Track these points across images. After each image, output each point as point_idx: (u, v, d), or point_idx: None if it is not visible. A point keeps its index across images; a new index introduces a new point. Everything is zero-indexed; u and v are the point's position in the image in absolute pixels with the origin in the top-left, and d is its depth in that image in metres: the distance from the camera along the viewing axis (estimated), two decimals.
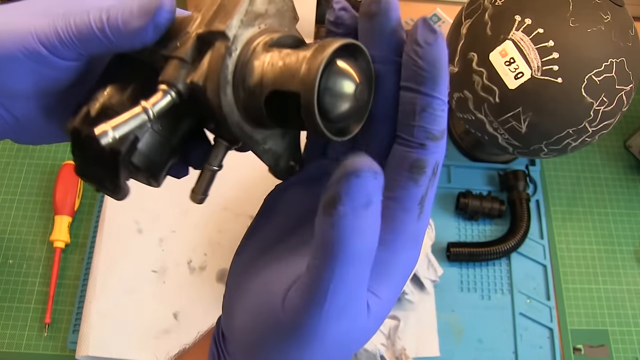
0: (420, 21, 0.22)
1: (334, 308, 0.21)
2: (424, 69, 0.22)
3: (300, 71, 0.22)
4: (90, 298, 0.65)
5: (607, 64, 0.57)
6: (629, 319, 0.72)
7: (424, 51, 0.22)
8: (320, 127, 0.22)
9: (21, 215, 0.73)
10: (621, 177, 0.81)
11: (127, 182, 0.27)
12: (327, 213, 0.19)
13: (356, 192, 0.19)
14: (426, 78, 0.22)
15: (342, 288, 0.20)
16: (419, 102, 0.22)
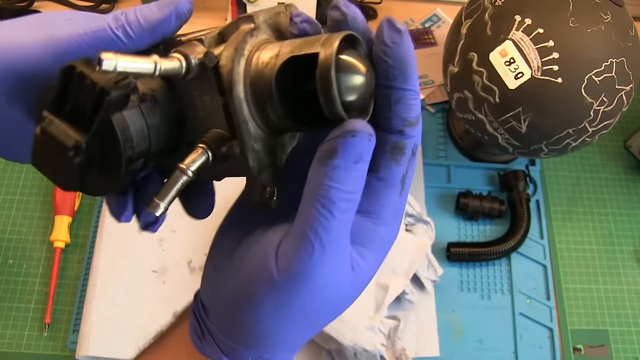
0: (385, 22, 0.24)
1: (322, 249, 0.24)
2: (393, 66, 0.24)
3: (321, 39, 0.24)
4: (90, 298, 0.65)
5: (607, 64, 0.57)
6: (629, 319, 0.72)
7: (391, 50, 0.24)
8: (334, 91, 0.23)
9: (21, 215, 0.73)
10: (621, 177, 0.81)
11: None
12: (322, 163, 0.23)
13: (350, 149, 0.23)
14: (396, 74, 0.24)
15: (328, 230, 0.23)
16: (393, 95, 0.25)
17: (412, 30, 0.89)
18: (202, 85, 0.26)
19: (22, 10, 0.86)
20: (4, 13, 0.84)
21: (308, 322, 0.26)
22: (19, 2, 0.86)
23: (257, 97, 0.26)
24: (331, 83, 0.23)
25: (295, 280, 0.24)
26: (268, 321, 0.26)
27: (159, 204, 0.24)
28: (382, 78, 0.24)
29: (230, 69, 0.25)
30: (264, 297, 0.25)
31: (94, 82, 0.23)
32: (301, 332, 0.27)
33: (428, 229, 0.71)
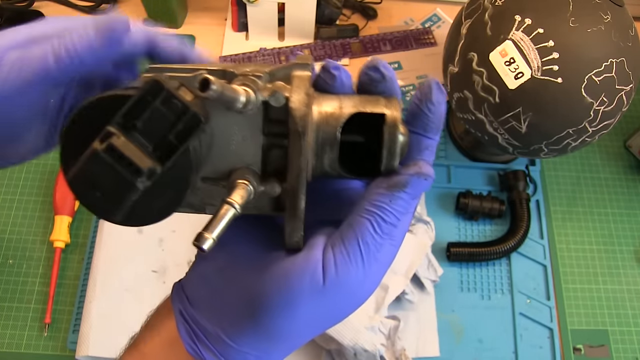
0: (434, 84, 0.28)
1: (368, 265, 0.27)
2: (433, 121, 0.29)
3: (381, 101, 0.28)
4: (90, 298, 0.65)
5: (607, 64, 0.57)
6: (629, 319, 0.72)
7: (435, 109, 0.29)
8: (398, 148, 0.27)
9: (21, 215, 0.73)
10: (621, 177, 0.81)
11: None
12: (391, 190, 0.27)
13: (418, 187, 0.28)
14: (432, 128, 0.29)
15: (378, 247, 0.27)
16: (424, 143, 0.29)
17: (412, 30, 0.89)
18: (246, 121, 0.27)
19: (22, 10, 0.86)
20: (4, 13, 0.84)
21: (325, 325, 0.29)
22: (19, 2, 0.86)
23: (319, 144, 0.27)
24: (397, 141, 0.27)
25: (340, 288, 0.27)
26: (298, 325, 0.28)
27: (208, 237, 0.24)
28: (420, 129, 0.29)
29: (304, 113, 0.26)
30: (303, 302, 0.27)
31: (185, 105, 0.23)
32: (315, 333, 0.29)
33: (428, 229, 0.71)
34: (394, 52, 0.86)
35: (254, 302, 0.28)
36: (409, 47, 0.87)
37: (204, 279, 0.30)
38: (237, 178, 0.26)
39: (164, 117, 0.23)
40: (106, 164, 0.22)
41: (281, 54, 0.84)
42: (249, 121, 0.27)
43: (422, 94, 0.29)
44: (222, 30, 0.87)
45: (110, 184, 0.23)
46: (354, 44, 0.86)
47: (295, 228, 0.27)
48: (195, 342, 0.29)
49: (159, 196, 0.25)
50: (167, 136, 0.23)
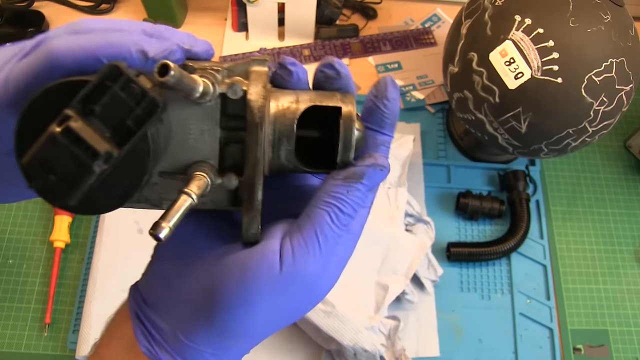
0: (389, 81, 0.29)
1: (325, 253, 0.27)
2: (388, 117, 0.30)
3: (336, 96, 0.29)
4: (90, 298, 0.65)
5: (607, 64, 0.57)
6: (629, 319, 0.72)
7: (390, 105, 0.30)
8: (353, 141, 0.28)
9: (21, 215, 0.73)
10: (621, 177, 0.81)
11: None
12: (347, 182, 0.28)
13: (374, 179, 0.28)
14: (388, 124, 0.30)
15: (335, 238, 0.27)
16: (379, 139, 0.30)
17: (412, 30, 0.89)
18: (204, 114, 0.27)
19: (23, 10, 0.86)
20: (4, 13, 0.84)
21: (284, 321, 0.29)
22: (19, 2, 0.86)
23: (276, 137, 0.28)
24: (353, 134, 0.28)
25: (298, 280, 0.27)
26: (255, 320, 0.27)
27: (165, 226, 0.24)
28: (375, 125, 0.30)
29: (262, 105, 0.26)
30: (259, 295, 0.27)
31: (144, 90, 0.22)
32: (274, 329, 0.29)
33: (428, 229, 0.71)
34: (394, 52, 0.86)
35: (208, 297, 0.27)
36: (409, 47, 0.87)
37: (160, 277, 0.30)
38: (195, 170, 0.27)
39: (123, 102, 0.22)
40: (63, 146, 0.22)
41: (281, 54, 0.84)
42: (206, 115, 0.27)
43: (378, 90, 0.30)
44: (222, 30, 0.87)
45: (67, 168, 0.22)
46: (354, 44, 0.86)
47: (252, 220, 0.27)
48: (151, 344, 0.29)
49: (115, 183, 0.24)
50: (125, 121, 0.23)
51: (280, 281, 0.27)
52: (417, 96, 0.83)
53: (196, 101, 0.26)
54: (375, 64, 0.85)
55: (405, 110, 0.82)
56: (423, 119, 0.81)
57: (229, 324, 0.27)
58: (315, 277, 0.27)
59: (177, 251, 0.30)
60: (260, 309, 0.27)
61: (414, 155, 0.77)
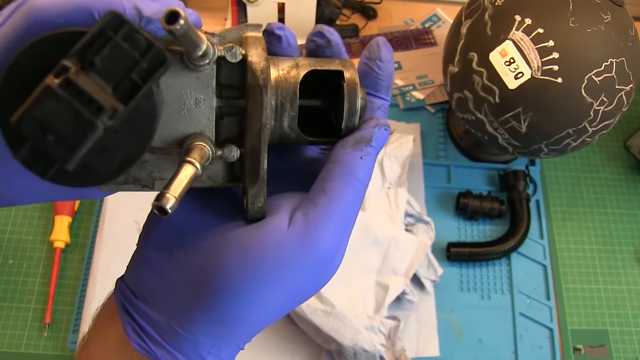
0: (381, 41, 0.29)
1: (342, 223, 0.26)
2: (382, 80, 0.29)
3: (335, 61, 0.28)
4: (90, 298, 0.65)
5: (607, 64, 0.57)
6: (629, 319, 0.72)
7: (384, 66, 0.29)
8: (358, 103, 0.27)
9: (21, 215, 0.73)
10: (621, 177, 0.81)
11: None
12: (358, 148, 0.27)
13: (381, 140, 0.28)
14: (383, 87, 0.29)
15: (351, 208, 0.26)
16: (376, 103, 0.29)
17: (412, 30, 0.89)
18: (200, 82, 0.25)
19: None
20: None
21: (295, 302, 0.26)
22: None
23: (278, 103, 0.26)
24: (357, 97, 0.27)
25: (312, 246, 0.25)
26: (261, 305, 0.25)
27: (170, 197, 0.21)
28: (370, 88, 0.29)
29: (265, 66, 0.24)
30: (265, 272, 0.24)
31: (150, 41, 0.20)
32: (284, 311, 0.27)
33: (428, 229, 0.71)
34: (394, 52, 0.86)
35: (206, 279, 0.25)
36: (409, 47, 0.87)
37: (149, 265, 0.27)
38: (193, 142, 0.24)
39: (126, 54, 0.20)
40: (61, 101, 0.19)
41: None
42: (202, 82, 0.25)
43: (370, 52, 0.29)
44: None
45: (66, 126, 0.19)
46: (354, 44, 0.86)
47: (258, 192, 0.25)
48: (143, 339, 0.26)
49: (115, 148, 0.21)
50: (128, 75, 0.20)
51: (293, 255, 0.25)
52: (417, 96, 0.83)
53: (195, 63, 0.24)
54: None
55: (405, 110, 0.82)
56: (423, 119, 0.81)
57: (231, 309, 0.25)
58: (331, 251, 0.25)
59: (167, 237, 0.27)
60: (267, 290, 0.25)
61: (414, 155, 0.77)
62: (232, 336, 0.26)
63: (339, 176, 0.26)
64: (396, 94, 0.83)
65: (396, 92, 0.83)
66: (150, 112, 0.21)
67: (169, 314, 0.26)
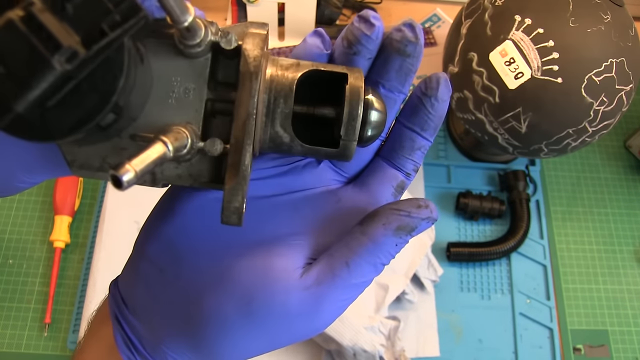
0: (443, 79, 0.26)
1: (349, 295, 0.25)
2: (432, 120, 0.26)
3: (341, 66, 0.25)
4: (90, 298, 0.65)
5: (607, 64, 0.57)
6: (629, 319, 0.72)
7: (438, 106, 0.26)
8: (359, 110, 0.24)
9: (21, 215, 0.73)
10: (621, 177, 0.81)
11: None
12: (398, 235, 0.25)
13: (421, 230, 0.26)
14: (431, 127, 0.26)
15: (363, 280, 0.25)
16: (418, 142, 0.27)
17: None
18: (192, 69, 0.23)
19: None
20: None
21: (278, 346, 0.26)
22: None
23: (271, 99, 0.24)
24: (360, 101, 0.24)
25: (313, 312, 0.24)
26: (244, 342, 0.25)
27: (129, 168, 0.19)
28: (417, 126, 0.27)
29: (258, 55, 0.23)
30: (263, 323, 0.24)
31: None
32: (258, 353, 0.26)
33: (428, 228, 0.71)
34: None
35: (199, 317, 0.24)
36: None
37: (141, 278, 0.27)
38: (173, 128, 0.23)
39: (99, 4, 0.18)
40: (20, 34, 0.17)
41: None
42: (194, 70, 0.23)
43: (427, 87, 0.26)
44: None
45: (20, 61, 0.18)
46: None
47: (236, 189, 0.23)
48: (131, 350, 0.26)
49: (74, 102, 0.19)
50: (99, 25, 0.18)
51: (291, 321, 0.24)
52: None
53: (185, 44, 0.22)
54: None
55: None
56: None
57: (218, 346, 0.25)
58: (328, 324, 0.25)
59: (162, 254, 0.26)
60: (256, 338, 0.25)
61: None
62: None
63: (368, 257, 0.25)
64: None
65: None
66: (117, 67, 0.19)
67: (155, 331, 0.26)
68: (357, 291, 0.25)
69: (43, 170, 0.27)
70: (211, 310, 0.24)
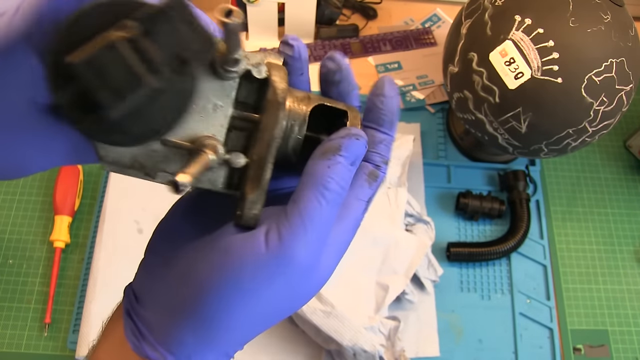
0: (386, 80, 0.31)
1: (313, 234, 0.26)
2: (386, 114, 0.30)
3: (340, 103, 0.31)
4: (90, 298, 0.65)
5: (607, 64, 0.57)
6: (629, 319, 0.72)
7: (388, 102, 0.30)
8: None
9: (21, 215, 0.73)
10: (621, 177, 0.81)
11: None
12: (326, 157, 0.27)
13: (352, 149, 0.28)
14: (386, 121, 0.31)
15: (322, 217, 0.26)
16: (378, 137, 0.31)
17: (412, 30, 0.89)
18: (222, 90, 0.27)
19: None
20: None
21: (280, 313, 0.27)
22: None
23: (289, 125, 0.29)
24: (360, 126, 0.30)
25: (285, 260, 0.26)
26: (243, 312, 0.26)
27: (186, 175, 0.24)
28: (373, 122, 0.31)
29: (285, 87, 0.27)
30: (243, 279, 0.26)
31: (203, 28, 0.23)
32: (270, 321, 0.28)
33: (428, 229, 0.71)
34: (394, 52, 0.86)
35: (190, 288, 0.27)
36: (409, 47, 0.87)
37: (148, 270, 0.30)
38: (205, 140, 0.26)
39: (183, 35, 0.22)
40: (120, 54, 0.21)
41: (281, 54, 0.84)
42: (224, 91, 0.27)
43: (376, 88, 0.31)
44: None
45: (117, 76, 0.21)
46: (354, 44, 0.86)
47: (256, 200, 0.27)
48: (138, 339, 0.28)
49: (152, 115, 0.23)
50: (180, 53, 0.22)
51: (267, 266, 0.26)
52: (417, 96, 0.83)
53: (225, 68, 0.26)
54: (375, 64, 0.85)
55: (405, 110, 0.82)
56: (423, 119, 0.81)
57: (212, 315, 0.26)
58: (306, 263, 0.26)
59: (164, 244, 0.30)
60: (246, 298, 0.26)
61: (414, 155, 0.77)
62: (219, 342, 0.27)
63: (306, 186, 0.27)
64: None
65: None
66: (188, 92, 0.24)
67: (161, 316, 0.28)
68: (321, 225, 0.26)
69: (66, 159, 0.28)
70: (198, 283, 0.26)
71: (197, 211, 0.31)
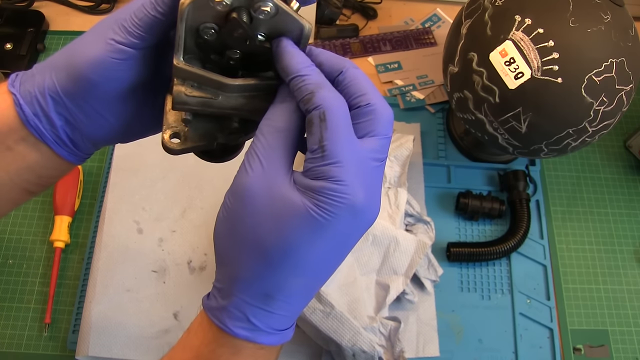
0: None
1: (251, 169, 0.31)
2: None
3: None
4: (90, 298, 0.65)
5: (607, 64, 0.57)
6: (629, 319, 0.72)
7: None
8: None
9: (21, 215, 0.73)
10: (621, 177, 0.81)
11: None
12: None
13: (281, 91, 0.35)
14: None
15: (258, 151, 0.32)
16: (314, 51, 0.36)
17: (412, 30, 0.89)
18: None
19: (23, 10, 0.86)
20: (4, 13, 0.84)
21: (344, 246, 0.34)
22: (19, 2, 0.86)
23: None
24: None
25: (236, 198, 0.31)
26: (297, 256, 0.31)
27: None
28: None
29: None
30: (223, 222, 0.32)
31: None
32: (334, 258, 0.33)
33: (428, 229, 0.71)
34: (394, 52, 0.86)
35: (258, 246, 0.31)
36: (409, 47, 0.87)
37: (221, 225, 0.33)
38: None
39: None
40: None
41: None
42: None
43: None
44: None
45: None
46: (354, 44, 0.86)
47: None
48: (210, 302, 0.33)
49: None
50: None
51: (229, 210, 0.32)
52: (417, 96, 0.83)
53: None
54: (375, 64, 0.85)
55: (405, 110, 0.82)
56: (423, 119, 0.81)
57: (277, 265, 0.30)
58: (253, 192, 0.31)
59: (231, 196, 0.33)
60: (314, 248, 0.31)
61: (414, 155, 0.77)
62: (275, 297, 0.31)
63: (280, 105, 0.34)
64: (396, 94, 0.83)
65: (396, 92, 0.83)
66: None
67: (225, 277, 0.32)
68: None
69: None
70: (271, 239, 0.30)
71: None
